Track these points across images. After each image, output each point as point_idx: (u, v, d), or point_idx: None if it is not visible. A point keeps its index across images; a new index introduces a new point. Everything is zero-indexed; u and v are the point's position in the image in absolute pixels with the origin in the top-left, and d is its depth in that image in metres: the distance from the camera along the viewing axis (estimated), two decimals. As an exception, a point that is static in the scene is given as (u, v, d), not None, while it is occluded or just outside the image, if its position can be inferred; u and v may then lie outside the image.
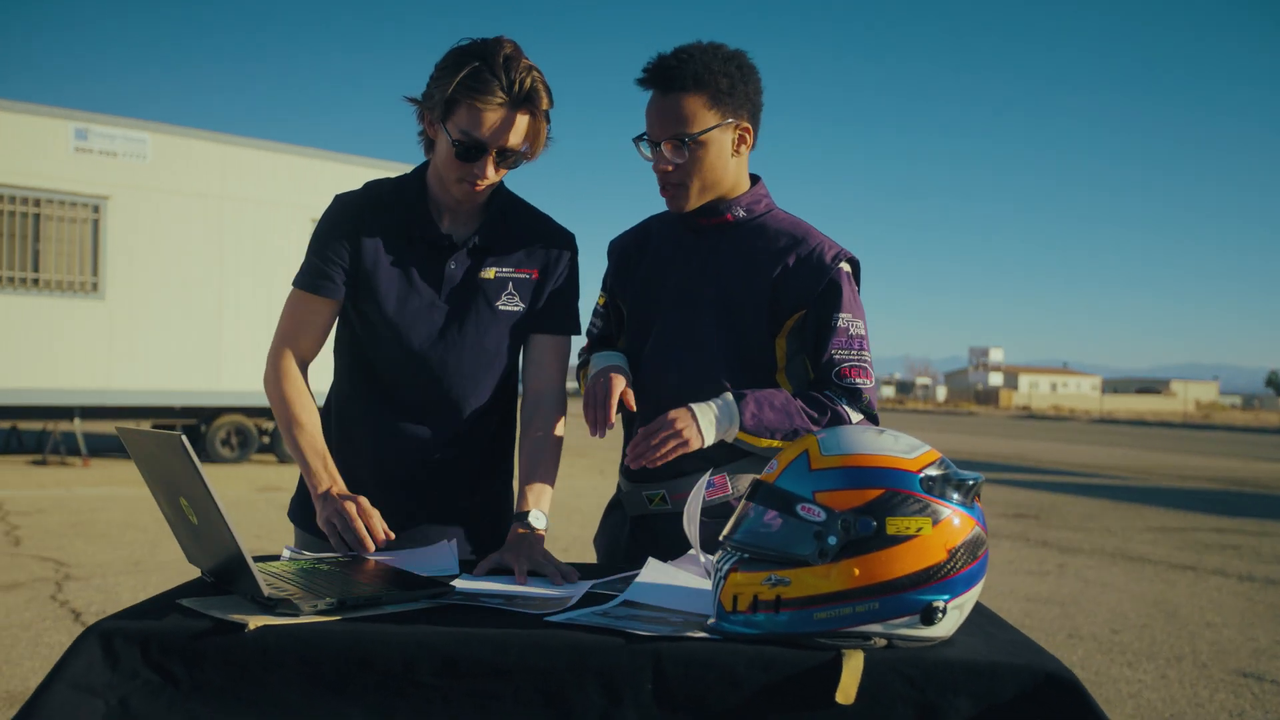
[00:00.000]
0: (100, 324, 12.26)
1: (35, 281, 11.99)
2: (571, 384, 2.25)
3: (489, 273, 2.00)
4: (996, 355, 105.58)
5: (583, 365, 2.19)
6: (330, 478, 1.87)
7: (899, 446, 1.38)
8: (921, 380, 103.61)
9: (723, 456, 1.96)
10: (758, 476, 1.44)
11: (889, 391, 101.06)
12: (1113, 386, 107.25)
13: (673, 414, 1.87)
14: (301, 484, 2.05)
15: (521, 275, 2.02)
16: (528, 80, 1.84)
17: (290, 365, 1.97)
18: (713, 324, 2.01)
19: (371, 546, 1.75)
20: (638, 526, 2.05)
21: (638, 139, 1.99)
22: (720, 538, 1.43)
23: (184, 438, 1.35)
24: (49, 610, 5.21)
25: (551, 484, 1.93)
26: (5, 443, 14.53)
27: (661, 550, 1.87)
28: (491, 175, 1.90)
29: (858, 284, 2.04)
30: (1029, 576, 7.08)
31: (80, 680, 1.31)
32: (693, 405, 1.89)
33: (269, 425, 13.44)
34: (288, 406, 1.93)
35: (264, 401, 11.60)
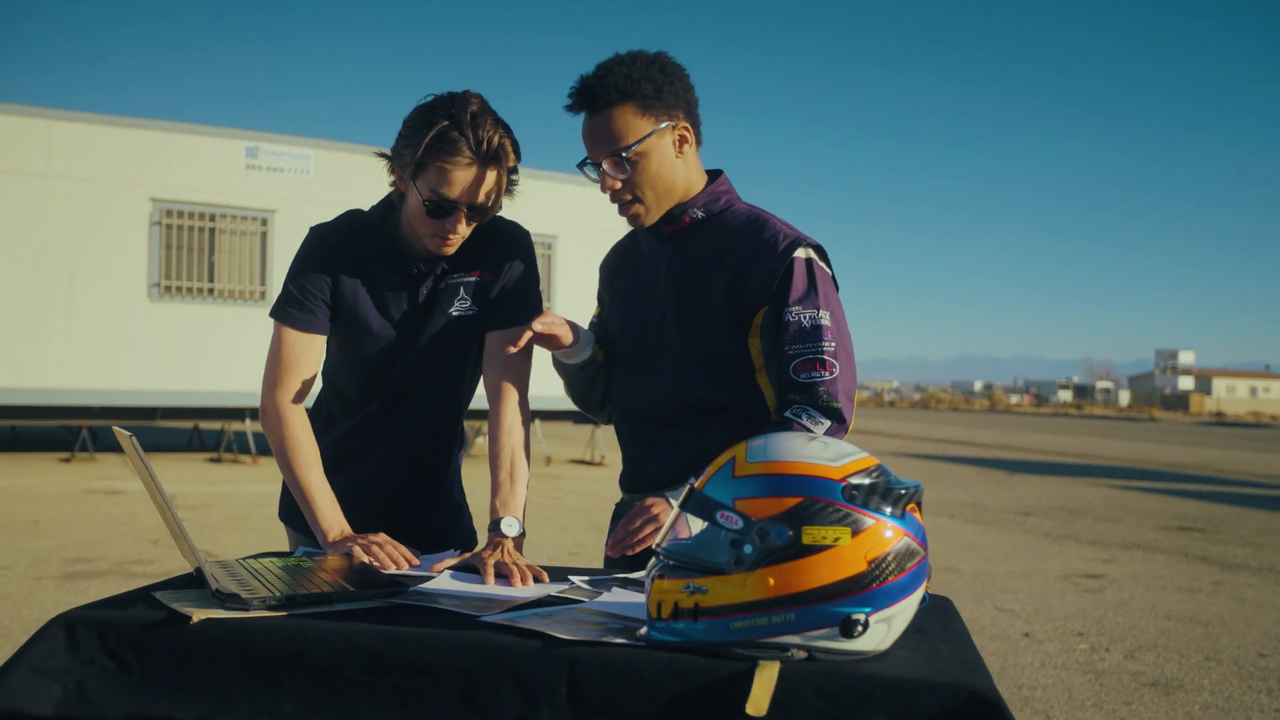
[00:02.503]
0: (268, 331, 13.01)
1: (210, 291, 12.84)
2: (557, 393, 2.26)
3: (443, 283, 2.05)
4: (1186, 358, 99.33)
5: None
6: (340, 524, 1.93)
7: (826, 454, 1.34)
8: (1102, 384, 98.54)
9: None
10: (692, 482, 1.42)
11: (1065, 396, 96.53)
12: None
13: (649, 501, 1.84)
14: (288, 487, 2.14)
15: (471, 278, 2.06)
16: (495, 138, 1.88)
17: (290, 401, 2.01)
18: (678, 330, 1.99)
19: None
20: None
21: (581, 164, 1.98)
22: (654, 544, 1.42)
23: (131, 437, 1.43)
24: (190, 599, 5.57)
25: (522, 486, 1.94)
26: (188, 441, 15.61)
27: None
28: (463, 231, 1.96)
29: (828, 268, 1.97)
30: (1176, 593, 6.66)
31: (41, 664, 1.40)
32: (667, 494, 1.87)
33: (478, 425, 14.09)
34: (296, 446, 1.97)
35: (471, 402, 12.49)
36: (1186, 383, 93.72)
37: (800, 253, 1.93)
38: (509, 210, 2.05)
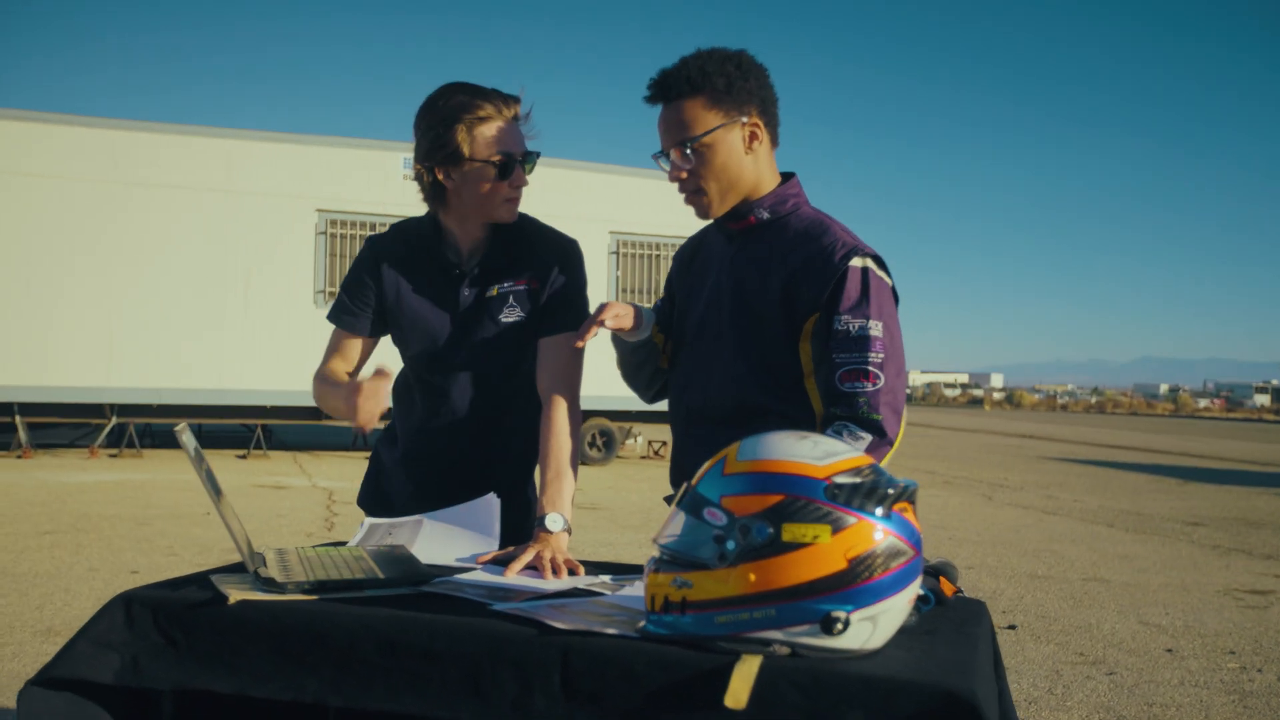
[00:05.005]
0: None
1: (371, 297, 13.48)
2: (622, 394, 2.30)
3: (493, 291, 2.16)
4: None
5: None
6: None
7: (814, 453, 1.34)
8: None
9: None
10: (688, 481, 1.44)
11: (1262, 400, 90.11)
12: None
13: None
14: (368, 475, 2.27)
15: (520, 287, 2.16)
16: (507, 97, 2.08)
17: (328, 373, 2.22)
18: (732, 329, 2.01)
19: (363, 423, 2.01)
20: None
21: (656, 155, 2.02)
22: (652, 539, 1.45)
23: (182, 430, 1.55)
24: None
25: (568, 484, 2.01)
26: (352, 440, 16.42)
27: None
28: (526, 180, 2.10)
29: (887, 278, 1.96)
30: (1352, 611, 6.18)
31: (102, 637, 1.54)
32: None
33: (628, 426, 14.53)
34: (323, 381, 2.20)
35: (622, 404, 13.42)
36: None
37: (856, 261, 1.92)
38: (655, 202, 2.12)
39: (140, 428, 14.28)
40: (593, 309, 2.09)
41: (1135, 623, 5.75)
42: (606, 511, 9.78)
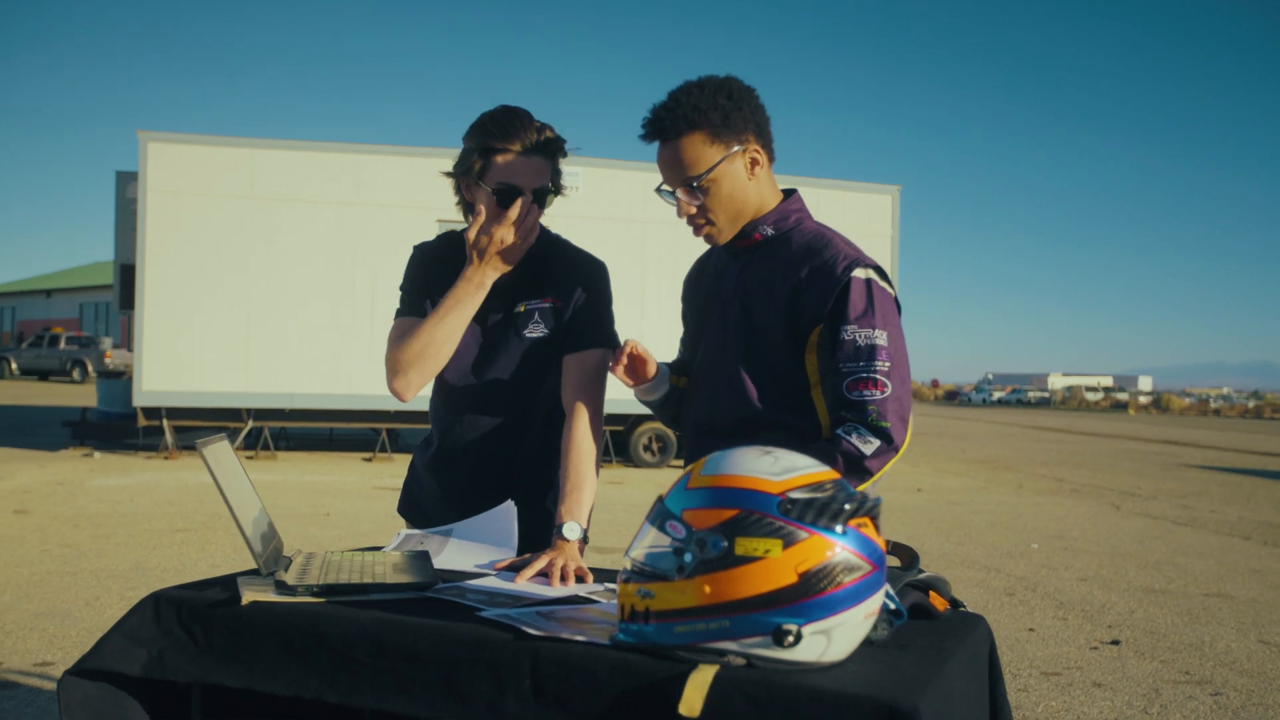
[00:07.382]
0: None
1: (489, 304, 13.83)
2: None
3: (520, 307, 2.24)
4: None
5: None
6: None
7: (773, 469, 1.36)
8: None
9: None
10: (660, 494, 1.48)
11: None
12: None
13: None
14: (407, 484, 2.37)
15: (545, 305, 2.24)
16: (540, 131, 2.13)
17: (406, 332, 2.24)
18: (739, 344, 2.03)
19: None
20: None
21: (658, 189, 2.05)
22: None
23: (205, 443, 1.66)
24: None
25: (587, 494, 2.08)
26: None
27: None
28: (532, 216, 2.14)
29: (890, 289, 1.96)
30: None
31: (133, 633, 1.67)
32: None
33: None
34: (414, 327, 2.20)
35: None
36: None
37: (859, 272, 1.94)
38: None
39: (275, 430, 14.97)
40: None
41: (1254, 642, 5.47)
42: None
